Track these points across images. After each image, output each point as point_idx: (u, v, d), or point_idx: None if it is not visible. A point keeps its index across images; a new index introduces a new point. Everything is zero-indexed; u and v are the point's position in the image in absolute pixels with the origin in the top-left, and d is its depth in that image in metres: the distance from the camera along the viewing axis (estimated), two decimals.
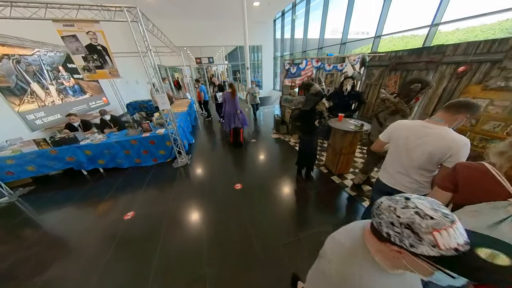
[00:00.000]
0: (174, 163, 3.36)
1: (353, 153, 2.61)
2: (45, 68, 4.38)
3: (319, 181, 2.70)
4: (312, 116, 2.10)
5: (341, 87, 3.00)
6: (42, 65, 4.31)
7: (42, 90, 4.20)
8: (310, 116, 2.10)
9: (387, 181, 1.35)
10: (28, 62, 3.96)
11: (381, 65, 4.04)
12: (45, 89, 4.27)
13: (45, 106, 4.20)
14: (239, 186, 2.65)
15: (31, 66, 4.02)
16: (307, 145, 2.36)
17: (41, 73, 4.23)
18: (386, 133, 1.36)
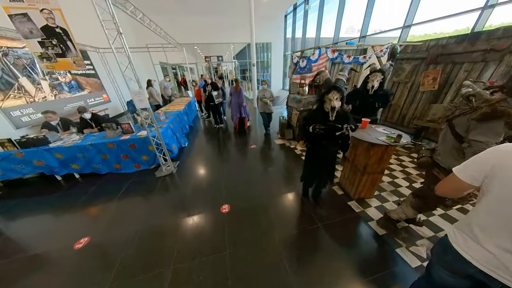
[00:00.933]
0: (157, 171, 2.88)
1: (382, 173, 1.92)
2: None
3: (331, 207, 2.03)
4: (315, 117, 1.49)
5: (365, 84, 2.29)
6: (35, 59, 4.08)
7: (32, 85, 3.97)
8: (314, 117, 1.50)
9: (477, 259, 0.68)
10: (17, 55, 3.73)
11: (414, 57, 3.24)
12: (35, 84, 4.04)
13: (35, 102, 3.96)
14: (226, 209, 2.07)
15: (21, 60, 3.79)
16: (310, 158, 1.73)
17: (32, 67, 4.00)
18: (475, 167, 0.70)
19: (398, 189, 2.25)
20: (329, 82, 1.47)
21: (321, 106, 1.46)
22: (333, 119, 1.45)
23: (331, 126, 1.45)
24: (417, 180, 2.41)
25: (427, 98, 3.13)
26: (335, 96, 1.35)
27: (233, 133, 4.65)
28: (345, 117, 1.50)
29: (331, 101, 1.36)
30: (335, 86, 1.37)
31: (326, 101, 1.40)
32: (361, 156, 1.89)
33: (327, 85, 1.42)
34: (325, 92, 1.38)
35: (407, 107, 3.50)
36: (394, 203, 2.02)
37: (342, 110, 1.49)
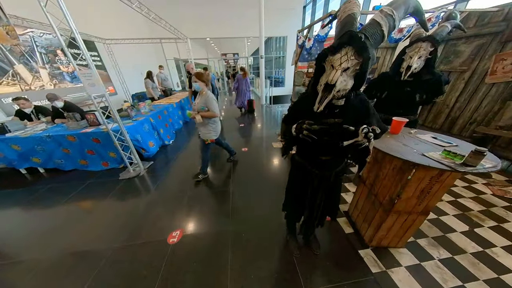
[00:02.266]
0: (123, 172, 2.43)
1: (426, 214, 1.10)
2: (38, 51, 4.12)
3: (330, 256, 1.28)
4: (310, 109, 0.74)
5: (398, 63, 1.44)
6: (35, 46, 4.06)
7: (30, 73, 3.92)
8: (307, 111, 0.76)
9: None
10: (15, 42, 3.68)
11: (480, 34, 2.21)
12: (33, 72, 4.00)
13: (30, 90, 3.91)
14: (175, 238, 1.47)
15: (19, 47, 3.74)
16: (295, 181, 1.01)
17: (31, 54, 3.96)
18: None
19: (448, 236, 1.38)
20: (349, 23, 0.65)
21: (314, 84, 0.74)
22: (338, 112, 0.73)
23: (333, 125, 0.72)
24: (483, 222, 1.48)
25: (499, 94, 2.09)
26: (347, 57, 0.60)
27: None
28: (363, 109, 0.76)
29: (335, 71, 0.62)
30: (353, 34, 0.58)
31: (327, 70, 0.66)
32: (387, 182, 1.10)
33: (341, 30, 0.65)
34: (332, 49, 0.62)
35: (461, 106, 2.46)
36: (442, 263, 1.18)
37: (358, 97, 0.75)
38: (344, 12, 0.68)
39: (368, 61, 0.60)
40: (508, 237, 1.35)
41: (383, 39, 0.64)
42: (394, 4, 0.63)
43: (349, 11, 0.66)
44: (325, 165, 0.89)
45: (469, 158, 0.77)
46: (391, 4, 0.64)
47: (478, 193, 1.80)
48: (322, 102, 0.67)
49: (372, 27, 0.61)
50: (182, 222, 1.62)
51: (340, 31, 0.65)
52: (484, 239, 1.35)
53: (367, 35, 0.60)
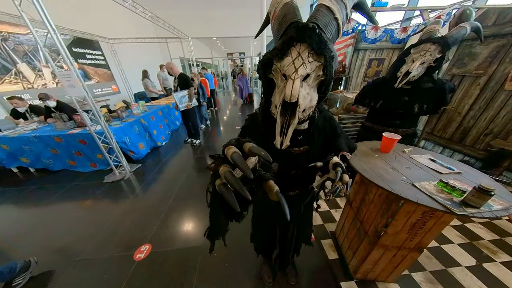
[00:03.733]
0: (108, 175, 2.38)
1: (419, 251, 0.92)
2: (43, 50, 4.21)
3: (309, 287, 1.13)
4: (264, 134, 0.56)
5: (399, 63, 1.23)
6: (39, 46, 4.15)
7: (33, 72, 4.02)
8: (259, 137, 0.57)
9: None
10: (19, 41, 3.77)
11: (499, 34, 1.95)
12: (36, 71, 4.09)
13: (33, 89, 4.01)
14: (143, 253, 1.37)
15: (22, 46, 3.84)
16: (262, 208, 0.85)
17: (34, 54, 4.06)
18: None
19: (449, 270, 1.18)
20: (290, 13, 0.46)
21: (265, 107, 0.55)
22: (302, 139, 0.57)
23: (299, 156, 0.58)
24: (496, 254, 1.26)
25: None
26: (302, 59, 0.41)
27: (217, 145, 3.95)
28: (329, 129, 0.62)
29: (291, 81, 0.41)
30: (300, 25, 0.41)
31: (279, 83, 0.47)
32: (373, 208, 0.93)
33: (282, 23, 0.46)
34: (276, 52, 0.43)
35: (475, 115, 2.19)
36: None
37: (321, 115, 0.59)
38: (277, 3, 0.48)
39: (332, 61, 0.42)
40: None
41: (339, 33, 0.46)
42: None
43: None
44: (292, 201, 0.74)
45: (471, 196, 0.59)
46: None
47: (491, 218, 1.56)
48: (285, 132, 0.44)
49: (322, 15, 0.43)
50: (154, 235, 1.52)
51: (280, 26, 0.46)
52: (494, 277, 1.13)
53: (320, 25, 0.41)
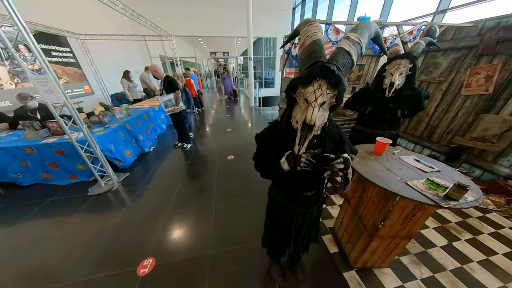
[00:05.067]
0: (92, 187, 2.18)
1: (409, 239, 1.07)
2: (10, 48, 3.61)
3: (314, 282, 1.22)
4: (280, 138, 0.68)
5: (380, 79, 1.43)
6: None
7: None
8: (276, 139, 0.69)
9: None
10: None
11: (455, 47, 2.30)
12: None
13: None
14: (146, 268, 1.32)
15: None
16: (276, 218, 0.91)
17: None
18: None
19: (429, 252, 1.39)
20: (317, 51, 0.56)
21: (289, 118, 0.66)
22: (316, 143, 0.66)
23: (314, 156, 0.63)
24: (460, 235, 1.52)
25: (474, 105, 2.19)
26: (322, 91, 0.53)
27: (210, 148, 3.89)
28: (337, 136, 0.72)
29: (311, 109, 0.54)
30: (325, 66, 0.51)
31: (299, 103, 0.59)
32: (370, 205, 1.06)
33: (307, 60, 0.56)
34: (302, 80, 0.54)
35: (439, 116, 2.56)
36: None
37: (331, 124, 0.69)
38: (307, 36, 0.59)
39: (343, 92, 0.54)
40: (482, 251, 1.39)
41: (353, 66, 0.58)
42: (358, 30, 0.58)
43: (313, 35, 0.58)
44: (308, 201, 0.82)
45: (452, 191, 0.73)
46: (355, 30, 0.58)
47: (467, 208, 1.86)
48: (303, 143, 0.59)
49: (342, 57, 0.55)
50: (156, 247, 1.46)
51: (307, 59, 0.57)
52: (462, 254, 1.37)
53: (339, 65, 0.53)
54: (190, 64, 15.66)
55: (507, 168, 1.97)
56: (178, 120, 3.02)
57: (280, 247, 1.05)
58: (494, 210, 1.75)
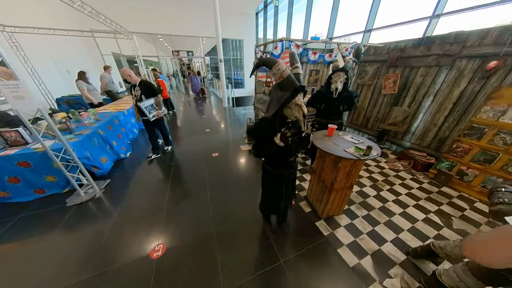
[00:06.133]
0: (70, 198, 2.06)
1: (351, 188, 1.65)
2: None
3: (297, 232, 1.68)
4: (274, 130, 1.05)
5: (328, 85, 2.02)
6: None
7: None
8: (271, 131, 1.06)
9: None
10: None
11: (376, 60, 3.22)
12: None
13: None
14: (159, 252, 1.50)
15: None
16: (275, 185, 1.31)
17: None
18: None
19: (366, 200, 2.07)
20: (292, 81, 0.93)
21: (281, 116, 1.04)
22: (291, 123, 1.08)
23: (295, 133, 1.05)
24: (383, 187, 2.29)
25: (389, 101, 3.16)
26: (300, 97, 0.96)
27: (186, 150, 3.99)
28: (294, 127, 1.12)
29: (300, 107, 0.95)
30: (302, 86, 0.93)
31: (292, 106, 0.97)
32: (328, 170, 1.58)
33: (291, 85, 0.93)
34: (292, 94, 0.92)
35: (370, 109, 3.51)
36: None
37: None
38: (282, 73, 0.91)
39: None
40: (394, 194, 2.16)
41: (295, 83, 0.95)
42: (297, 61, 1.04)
43: (284, 72, 0.91)
44: (291, 165, 1.24)
45: (366, 150, 1.29)
46: (296, 61, 1.05)
47: (381, 169, 2.70)
48: (306, 125, 1.06)
49: (300, 77, 0.99)
50: (162, 236, 1.63)
51: (290, 84, 0.93)
52: (384, 198, 2.11)
53: (302, 83, 0.97)
54: (150, 62, 14.32)
55: (408, 142, 2.96)
56: (161, 124, 2.95)
57: (276, 206, 1.45)
58: (402, 170, 2.65)
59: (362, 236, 1.63)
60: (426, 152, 2.70)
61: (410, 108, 2.84)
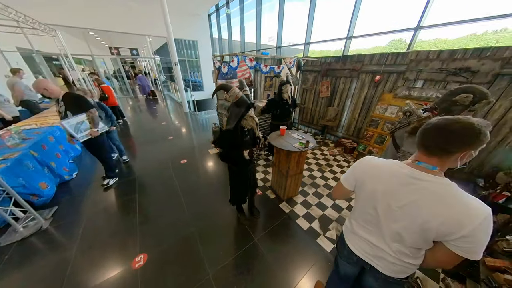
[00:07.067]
0: (4, 235, 1.71)
1: (301, 173, 2.18)
2: None
3: (266, 214, 2.07)
4: (237, 138, 1.37)
5: (280, 94, 2.51)
6: None
7: None
8: (235, 139, 1.37)
9: (355, 249, 0.82)
10: None
11: (314, 70, 4.05)
12: None
13: None
14: (141, 261, 1.55)
15: None
16: (240, 179, 1.64)
17: None
18: (350, 175, 0.81)
19: (315, 181, 2.70)
20: (245, 100, 1.24)
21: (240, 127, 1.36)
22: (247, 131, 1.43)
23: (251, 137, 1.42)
24: (326, 169, 3.03)
25: (325, 102, 4.05)
26: (252, 113, 1.31)
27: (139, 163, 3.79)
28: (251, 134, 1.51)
29: (253, 118, 1.30)
30: (252, 103, 1.28)
31: (247, 119, 1.30)
32: (283, 162, 2.04)
33: (244, 104, 1.25)
34: (245, 110, 1.25)
35: (314, 109, 4.36)
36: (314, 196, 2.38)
37: None
38: (237, 95, 1.24)
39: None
40: (333, 173, 2.91)
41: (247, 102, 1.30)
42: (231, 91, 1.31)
43: (238, 94, 1.24)
44: (251, 161, 1.59)
45: (306, 144, 1.80)
46: (244, 86, 1.39)
47: (324, 155, 3.50)
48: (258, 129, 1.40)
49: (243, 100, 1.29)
50: (141, 247, 1.67)
51: (242, 103, 1.26)
52: (326, 177, 2.81)
53: (250, 102, 1.30)
54: (77, 60, 11.70)
55: (340, 133, 3.93)
56: (96, 146, 2.27)
57: (244, 196, 1.77)
58: (338, 154, 3.52)
59: (312, 207, 2.20)
60: (351, 139, 3.69)
61: (338, 107, 3.78)
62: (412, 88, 2.63)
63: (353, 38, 3.58)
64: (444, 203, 0.53)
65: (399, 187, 0.61)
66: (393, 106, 2.87)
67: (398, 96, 2.79)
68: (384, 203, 0.65)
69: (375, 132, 3.10)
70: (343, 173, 2.83)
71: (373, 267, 0.76)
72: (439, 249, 0.58)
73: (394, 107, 2.86)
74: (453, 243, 0.53)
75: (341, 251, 0.92)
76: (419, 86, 2.58)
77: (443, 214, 0.53)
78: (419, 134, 0.59)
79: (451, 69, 2.25)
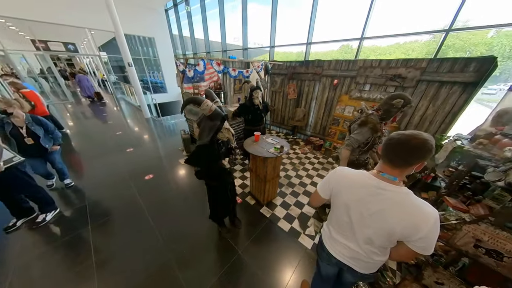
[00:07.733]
0: None
1: (278, 176, 2.24)
2: None
3: (248, 222, 2.04)
4: (214, 152, 1.30)
5: (251, 99, 2.50)
6: None
7: None
8: (212, 153, 1.29)
9: (334, 253, 0.89)
10: None
11: (281, 73, 4.22)
12: None
13: None
14: None
15: None
16: (222, 195, 1.55)
17: None
18: (325, 186, 0.87)
19: (291, 181, 2.83)
20: (219, 113, 1.20)
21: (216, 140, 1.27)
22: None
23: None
24: (299, 167, 3.22)
25: (293, 104, 4.30)
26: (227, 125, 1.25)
27: None
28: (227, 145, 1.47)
29: (229, 130, 1.25)
30: (226, 115, 1.23)
31: (224, 131, 1.24)
32: (260, 167, 2.04)
33: (219, 116, 1.19)
34: (221, 123, 1.20)
35: (283, 110, 4.57)
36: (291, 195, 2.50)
37: None
38: (210, 107, 1.17)
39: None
40: (305, 171, 3.12)
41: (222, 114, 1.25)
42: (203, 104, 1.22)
43: (212, 107, 1.17)
44: (230, 173, 1.52)
45: (280, 149, 1.85)
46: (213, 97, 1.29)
47: (297, 154, 3.72)
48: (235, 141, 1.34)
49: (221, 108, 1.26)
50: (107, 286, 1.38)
51: (217, 115, 1.19)
52: (300, 175, 2.98)
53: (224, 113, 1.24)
54: None
55: (309, 132, 4.25)
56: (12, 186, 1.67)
57: (226, 210, 1.69)
58: (308, 152, 3.80)
59: (291, 207, 2.29)
60: (318, 137, 4.04)
61: (305, 108, 4.07)
62: (362, 90, 3.07)
63: (312, 44, 3.91)
64: (405, 211, 0.63)
65: (369, 197, 0.69)
66: (350, 106, 3.28)
67: (352, 98, 3.21)
68: (357, 212, 0.72)
69: (337, 129, 3.48)
70: (314, 170, 3.21)
71: (350, 267, 0.84)
72: (401, 247, 0.69)
73: (351, 107, 3.28)
74: (413, 243, 0.63)
75: (321, 254, 0.98)
76: (367, 89, 3.03)
77: (405, 220, 0.62)
78: (384, 148, 0.67)
79: (388, 75, 2.73)
